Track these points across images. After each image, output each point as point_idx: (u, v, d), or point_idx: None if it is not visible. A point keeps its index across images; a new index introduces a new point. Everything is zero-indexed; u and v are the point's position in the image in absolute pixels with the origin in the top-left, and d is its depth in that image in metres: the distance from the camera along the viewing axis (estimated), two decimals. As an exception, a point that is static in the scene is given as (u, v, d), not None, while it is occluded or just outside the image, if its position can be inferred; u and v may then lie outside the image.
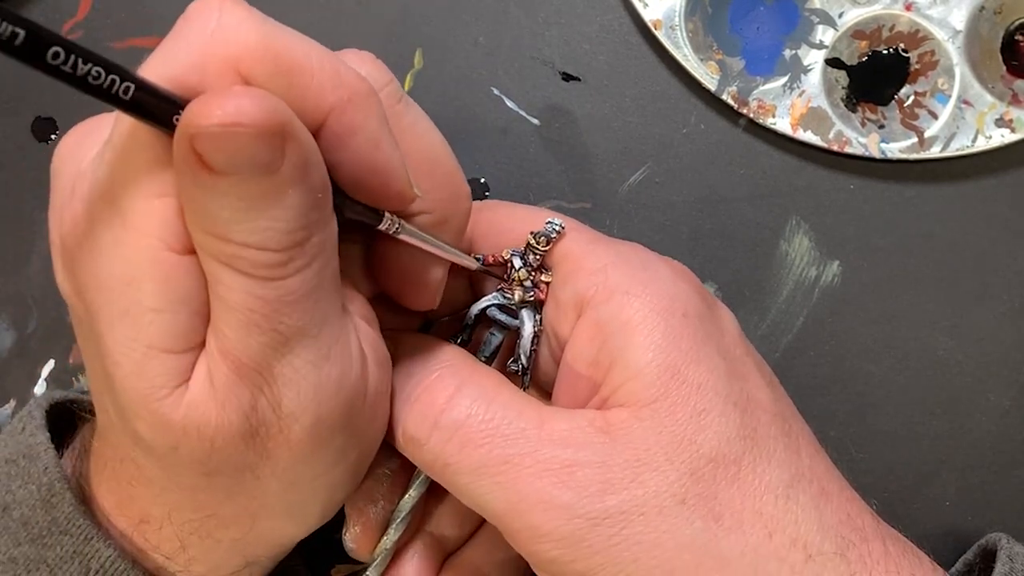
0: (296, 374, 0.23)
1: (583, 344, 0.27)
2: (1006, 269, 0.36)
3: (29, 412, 0.30)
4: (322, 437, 0.24)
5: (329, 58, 0.22)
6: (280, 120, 0.20)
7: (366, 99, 0.23)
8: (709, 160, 0.37)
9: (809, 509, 0.25)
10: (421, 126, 0.26)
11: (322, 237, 0.22)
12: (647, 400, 0.25)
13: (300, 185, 0.21)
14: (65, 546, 0.27)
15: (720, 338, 0.27)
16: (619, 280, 0.27)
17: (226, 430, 0.23)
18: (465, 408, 0.26)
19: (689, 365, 0.26)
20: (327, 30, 0.37)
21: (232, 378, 0.23)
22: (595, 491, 0.24)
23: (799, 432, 0.27)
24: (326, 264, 0.23)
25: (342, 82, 0.22)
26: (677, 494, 0.24)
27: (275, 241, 0.21)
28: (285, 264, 0.21)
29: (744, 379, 0.27)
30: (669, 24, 0.36)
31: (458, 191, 0.27)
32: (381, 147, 0.23)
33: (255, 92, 0.20)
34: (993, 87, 0.35)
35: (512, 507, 0.25)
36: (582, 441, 0.25)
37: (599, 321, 0.27)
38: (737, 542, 0.24)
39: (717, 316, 0.29)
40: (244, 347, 0.22)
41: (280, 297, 0.22)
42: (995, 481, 0.37)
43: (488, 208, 0.31)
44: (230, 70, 0.21)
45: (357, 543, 0.30)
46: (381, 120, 0.23)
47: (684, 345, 0.26)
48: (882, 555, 0.25)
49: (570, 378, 0.28)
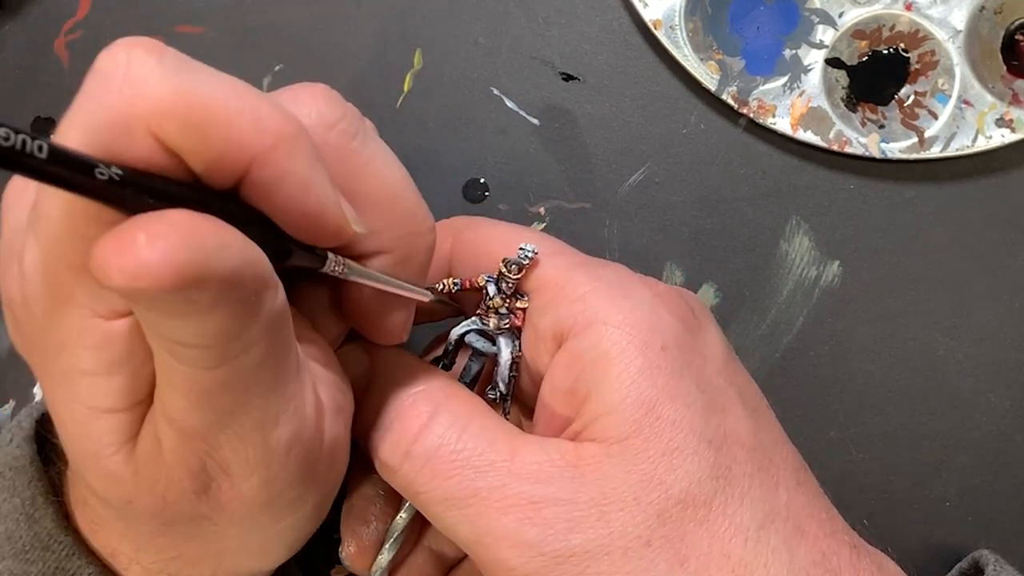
0: (242, 442, 0.22)
1: (560, 374, 0.27)
2: (1006, 269, 0.36)
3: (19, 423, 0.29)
4: (276, 492, 0.24)
5: (250, 103, 0.21)
6: (189, 275, 0.18)
7: (292, 143, 0.21)
8: (709, 160, 0.37)
9: (780, 551, 0.25)
10: (378, 163, 0.25)
11: (262, 324, 0.21)
12: (619, 436, 0.25)
13: (223, 305, 0.20)
14: (48, 562, 0.27)
15: (701, 368, 0.27)
16: (598, 309, 0.27)
17: (176, 486, 0.23)
18: (437, 437, 0.26)
19: (664, 402, 0.25)
20: (327, 30, 0.37)
21: (178, 441, 0.22)
22: (560, 529, 0.24)
23: (780, 464, 0.27)
24: (271, 340, 0.22)
25: (263, 128, 0.21)
26: (643, 536, 0.24)
27: (205, 342, 0.20)
28: (223, 356, 0.21)
29: (723, 412, 0.26)
30: (669, 24, 0.36)
31: (418, 227, 0.26)
32: (311, 190, 0.22)
33: (162, 240, 0.18)
34: (993, 87, 0.35)
35: (479, 540, 0.25)
36: (551, 476, 0.25)
37: (576, 351, 0.26)
38: None
39: (699, 344, 0.28)
40: (187, 418, 0.22)
41: (220, 382, 0.21)
42: (995, 481, 0.37)
43: (471, 228, 0.31)
44: (142, 129, 0.20)
45: (353, 562, 0.31)
46: (310, 162, 0.22)
47: (660, 380, 0.25)
48: None
49: (546, 408, 0.27)
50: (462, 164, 0.37)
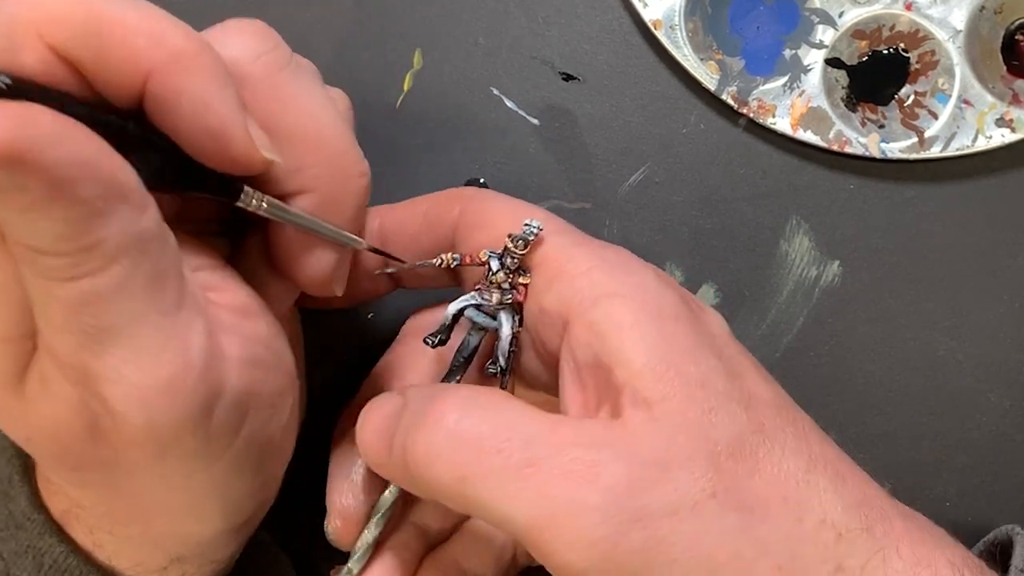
0: (115, 373, 0.21)
1: (580, 349, 0.27)
2: (1006, 269, 0.36)
3: None
4: (167, 437, 0.23)
5: (150, 18, 0.21)
6: (13, 150, 0.18)
7: (192, 59, 0.21)
8: (709, 160, 0.37)
9: (830, 492, 0.25)
10: (305, 98, 0.25)
11: (122, 239, 0.20)
12: (656, 399, 0.25)
13: (61, 201, 0.19)
14: (20, 540, 0.26)
15: (712, 339, 0.27)
16: (604, 284, 0.27)
17: (65, 425, 0.22)
18: (476, 419, 0.25)
19: (689, 364, 0.25)
20: (327, 30, 0.36)
21: (57, 374, 0.22)
22: (624, 492, 0.23)
23: (803, 421, 0.27)
24: (137, 263, 0.21)
25: (162, 43, 0.21)
26: (707, 488, 0.24)
27: (54, 247, 0.20)
28: (76, 266, 0.20)
29: (741, 376, 0.27)
30: (669, 24, 0.36)
31: (347, 170, 0.26)
32: (211, 108, 0.22)
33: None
34: (993, 87, 0.35)
35: (538, 515, 0.24)
36: (601, 442, 0.24)
37: (591, 324, 0.26)
38: (771, 530, 0.24)
39: (705, 320, 0.28)
40: (59, 344, 0.21)
41: (78, 297, 0.20)
42: (995, 481, 0.37)
43: (478, 198, 0.30)
44: (33, 35, 0.20)
45: (338, 536, 0.30)
46: (211, 81, 0.22)
47: (678, 346, 0.26)
48: (904, 530, 0.25)
49: (574, 386, 0.27)
50: (462, 164, 0.37)
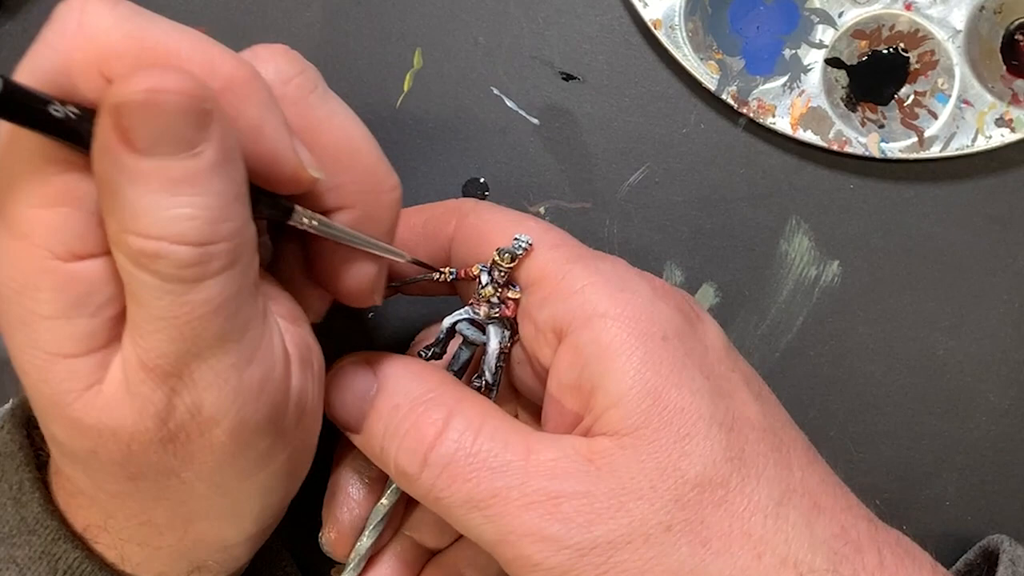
0: (217, 378, 0.22)
1: (564, 370, 0.27)
2: (1006, 269, 0.36)
3: (11, 409, 0.30)
4: (245, 440, 0.24)
5: (201, 48, 0.22)
6: (204, 95, 0.20)
7: (243, 86, 0.22)
8: (709, 160, 0.37)
9: (800, 526, 0.25)
10: (339, 118, 0.26)
11: (242, 239, 0.22)
12: (629, 428, 0.25)
13: (223, 171, 0.21)
14: (34, 546, 0.26)
15: (703, 356, 0.27)
16: (597, 303, 0.27)
17: (142, 434, 0.23)
18: (453, 442, 0.26)
19: (670, 389, 0.25)
20: (327, 30, 0.37)
21: (147, 381, 0.22)
22: (582, 522, 0.24)
23: (791, 444, 0.27)
24: (247, 268, 0.22)
25: (215, 71, 0.22)
26: (663, 521, 0.24)
27: (195, 232, 0.20)
28: (205, 264, 0.21)
29: (730, 396, 0.27)
30: (669, 24, 0.36)
31: (380, 184, 0.27)
32: (264, 132, 0.23)
33: (178, 68, 0.20)
34: (993, 87, 0.35)
35: (502, 539, 0.25)
36: (568, 471, 0.25)
37: (578, 346, 0.27)
38: (725, 565, 0.24)
39: (700, 334, 0.28)
40: (161, 352, 0.22)
41: (201, 303, 0.21)
42: (995, 481, 0.37)
43: (475, 212, 0.31)
44: (93, 71, 0.21)
45: (332, 547, 0.31)
46: (263, 106, 0.23)
47: (664, 369, 0.26)
48: (877, 566, 0.25)
49: (555, 404, 0.27)
50: (462, 164, 0.37)
